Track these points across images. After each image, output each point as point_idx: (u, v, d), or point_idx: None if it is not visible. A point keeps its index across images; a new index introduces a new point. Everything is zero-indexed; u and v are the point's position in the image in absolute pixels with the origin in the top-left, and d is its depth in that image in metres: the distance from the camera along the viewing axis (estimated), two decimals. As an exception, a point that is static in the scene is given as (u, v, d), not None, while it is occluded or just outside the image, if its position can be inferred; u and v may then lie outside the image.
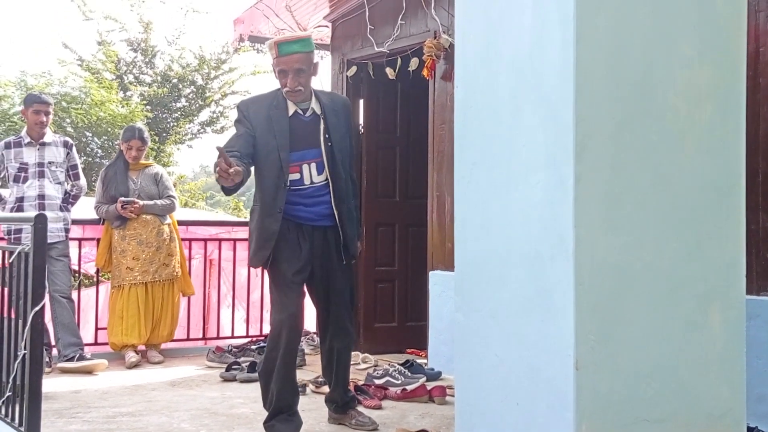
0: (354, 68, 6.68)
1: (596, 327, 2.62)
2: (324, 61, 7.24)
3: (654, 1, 2.78)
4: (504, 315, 2.86)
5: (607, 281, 2.65)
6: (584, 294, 2.60)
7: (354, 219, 4.14)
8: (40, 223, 3.57)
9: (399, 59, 6.21)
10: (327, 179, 3.99)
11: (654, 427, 2.72)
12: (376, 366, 5.82)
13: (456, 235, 3.12)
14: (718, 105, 2.89)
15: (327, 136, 4.00)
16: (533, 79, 2.75)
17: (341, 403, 4.27)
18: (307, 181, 3.98)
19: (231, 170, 3.58)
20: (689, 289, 2.81)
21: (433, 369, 5.49)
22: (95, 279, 6.76)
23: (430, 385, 4.90)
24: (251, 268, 6.85)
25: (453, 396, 4.06)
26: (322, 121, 4.01)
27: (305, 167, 3.98)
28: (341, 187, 4.01)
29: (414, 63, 6.01)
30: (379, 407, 4.60)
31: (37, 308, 3.54)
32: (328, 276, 4.06)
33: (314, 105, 4.03)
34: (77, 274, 7.29)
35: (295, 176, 3.97)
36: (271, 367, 3.94)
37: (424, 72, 5.80)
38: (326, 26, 7.08)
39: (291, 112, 3.99)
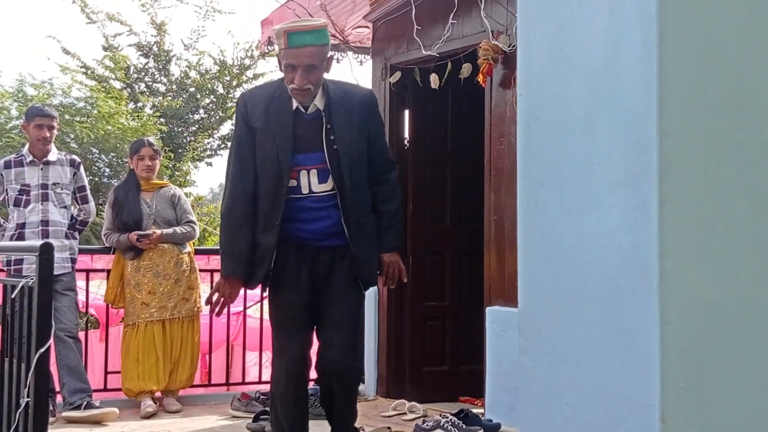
0: (398, 74, 6.71)
1: (686, 373, 2.60)
2: (364, 67, 7.31)
3: (750, -4, 2.77)
4: (577, 359, 2.85)
5: (697, 320, 2.63)
6: (671, 335, 2.58)
7: (371, 236, 4.00)
8: (46, 253, 3.63)
9: (449, 63, 6.22)
10: (333, 189, 3.90)
11: (754, 490, 2.68)
12: (425, 417, 5.80)
13: (520, 266, 3.11)
14: (826, 114, 2.86)
15: (332, 137, 3.88)
16: (610, 86, 2.75)
17: None
18: (305, 190, 3.90)
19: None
20: (794, 329, 2.78)
21: (491, 420, 5.47)
22: (105, 318, 6.84)
23: (488, 439, 4.88)
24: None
25: (516, 452, 4.05)
26: (323, 118, 3.91)
27: (303, 173, 3.90)
28: (348, 198, 3.89)
29: (466, 69, 6.02)
30: (430, 464, 4.60)
31: (42, 350, 3.59)
32: (331, 297, 3.95)
33: (318, 101, 3.93)
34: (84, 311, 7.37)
35: (292, 183, 3.90)
36: (278, 423, 3.96)
37: (479, 78, 5.81)
38: (366, 27, 7.13)
39: (294, 106, 3.91)
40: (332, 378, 3.95)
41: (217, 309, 3.98)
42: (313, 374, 4.14)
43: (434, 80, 6.32)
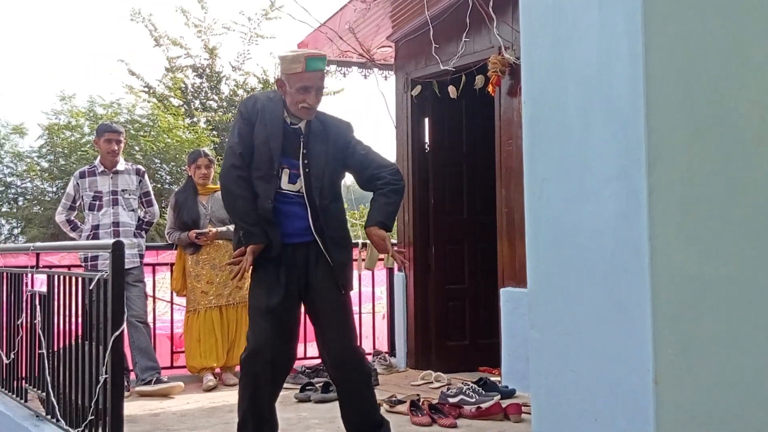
0: (419, 87, 6.73)
1: (675, 340, 2.59)
2: (388, 81, 7.32)
3: (725, 9, 2.76)
4: (580, 330, 2.85)
5: (684, 292, 2.62)
6: (661, 306, 2.57)
7: (346, 247, 3.92)
8: (117, 250, 3.69)
9: (464, 76, 6.23)
10: (299, 191, 3.81)
11: (738, 442, 2.68)
12: (449, 385, 5.82)
13: (528, 251, 3.11)
14: (794, 111, 2.85)
15: (306, 161, 3.83)
16: (603, 92, 2.75)
17: None
18: (283, 185, 3.83)
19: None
20: (770, 300, 2.76)
21: (507, 387, 5.48)
22: (170, 304, 6.90)
23: (505, 403, 4.88)
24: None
25: (529, 414, 4.06)
26: (302, 139, 3.85)
27: (282, 171, 3.83)
28: (317, 207, 3.80)
29: (480, 80, 6.02)
30: (454, 426, 4.61)
31: (116, 333, 3.65)
32: (316, 295, 3.85)
33: (302, 123, 3.88)
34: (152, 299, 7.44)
35: None
36: (246, 408, 3.84)
37: (489, 88, 5.82)
38: (389, 46, 7.15)
39: (283, 116, 3.85)
40: (342, 374, 3.84)
41: (239, 276, 3.88)
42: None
43: (452, 91, 6.33)
